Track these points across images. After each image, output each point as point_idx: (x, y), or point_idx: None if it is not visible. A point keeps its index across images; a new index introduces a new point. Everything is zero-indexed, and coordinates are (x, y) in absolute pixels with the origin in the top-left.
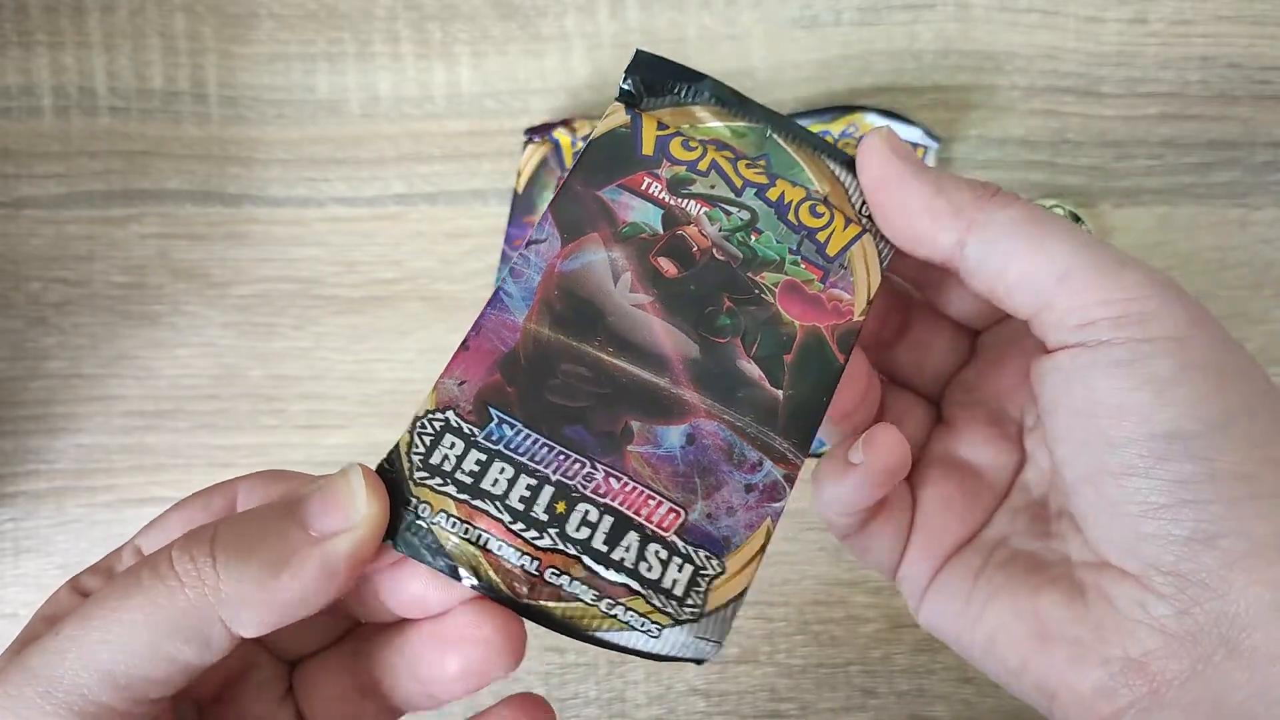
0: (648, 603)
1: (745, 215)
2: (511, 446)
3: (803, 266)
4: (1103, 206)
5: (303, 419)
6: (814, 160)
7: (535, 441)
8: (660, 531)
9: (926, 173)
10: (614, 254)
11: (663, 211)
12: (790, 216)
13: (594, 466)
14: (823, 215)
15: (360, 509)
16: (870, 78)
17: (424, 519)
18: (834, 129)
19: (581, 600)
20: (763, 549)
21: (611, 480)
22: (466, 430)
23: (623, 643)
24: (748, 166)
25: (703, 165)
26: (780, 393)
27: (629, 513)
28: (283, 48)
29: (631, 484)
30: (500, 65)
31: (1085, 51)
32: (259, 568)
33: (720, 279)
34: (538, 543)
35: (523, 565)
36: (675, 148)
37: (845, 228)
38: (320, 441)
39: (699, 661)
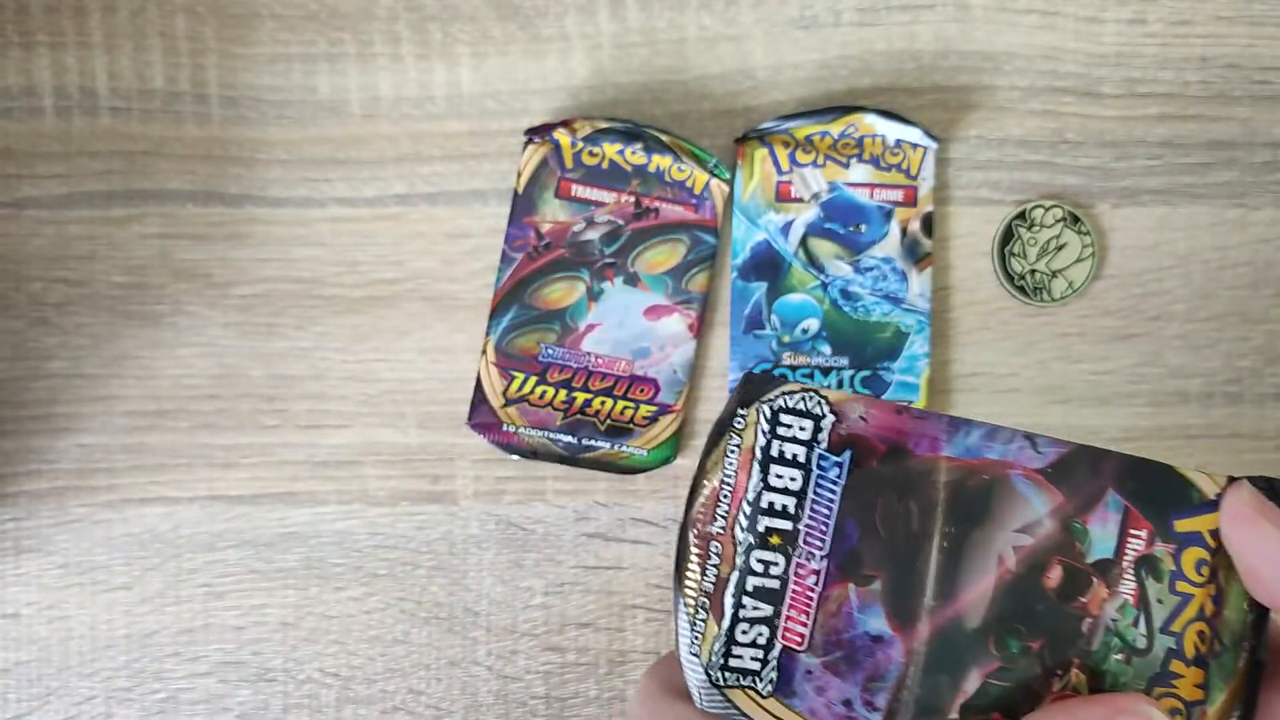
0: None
1: (1142, 643)
2: (819, 481)
3: None
4: (1102, 207)
5: (304, 419)
6: None
7: (831, 502)
8: (785, 638)
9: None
10: (1046, 522)
11: (1110, 558)
12: (1156, 691)
13: (823, 560)
14: None
15: None
16: (870, 78)
17: (740, 415)
18: (833, 129)
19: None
20: None
21: (813, 579)
22: (820, 437)
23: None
24: (1200, 635)
25: (1181, 587)
26: (955, 715)
27: (788, 607)
28: (284, 48)
29: (816, 601)
30: (500, 66)
31: (1084, 52)
32: None
33: (1061, 632)
34: (737, 535)
35: (721, 529)
36: (1189, 559)
37: None
38: (321, 441)
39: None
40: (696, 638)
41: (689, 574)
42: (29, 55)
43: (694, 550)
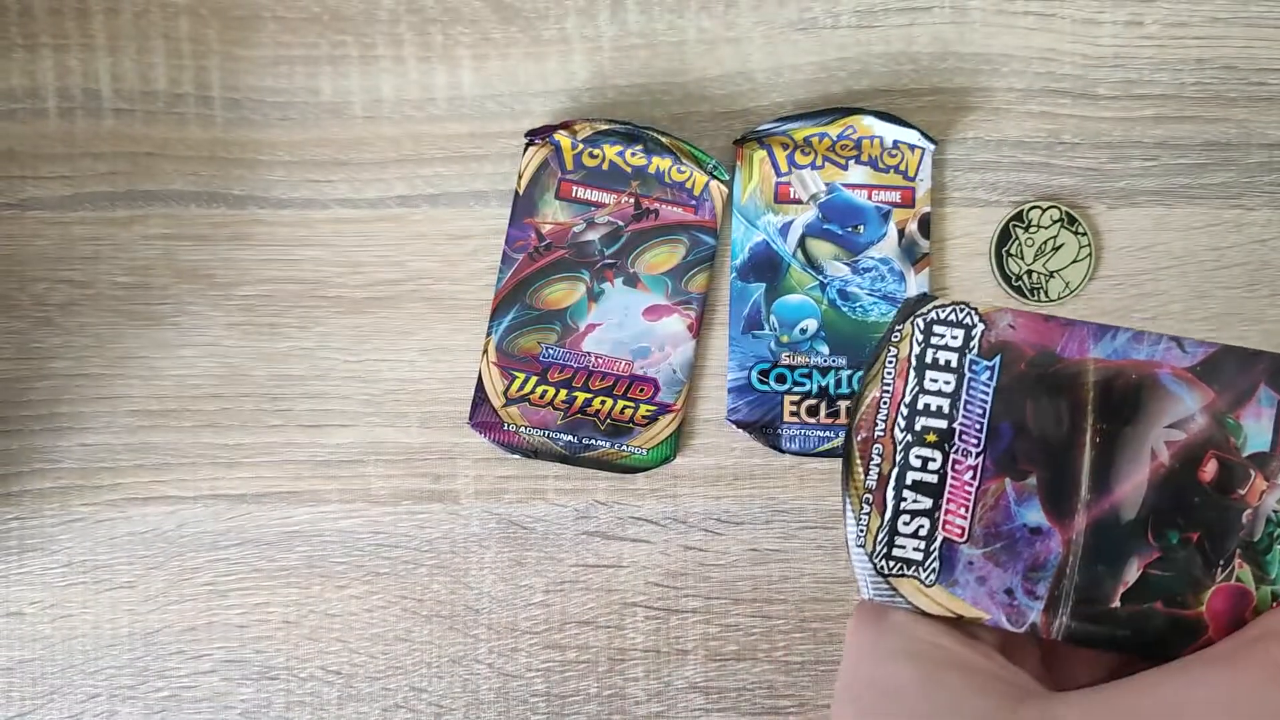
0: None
1: None
2: (971, 384)
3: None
4: (1098, 208)
5: (306, 418)
6: None
7: (984, 402)
8: (945, 530)
9: None
10: (1199, 417)
11: (1266, 451)
12: None
13: (978, 457)
14: None
15: None
16: (868, 80)
17: (897, 330)
18: (832, 131)
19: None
20: (959, 619)
21: (970, 474)
22: (971, 344)
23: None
24: None
25: None
26: (1118, 604)
27: (947, 500)
28: (286, 50)
29: (974, 494)
30: (501, 68)
31: (1081, 54)
32: None
33: (1220, 523)
34: (896, 435)
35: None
36: None
37: None
38: (324, 441)
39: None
40: (862, 531)
41: (854, 475)
42: (33, 57)
43: (857, 453)
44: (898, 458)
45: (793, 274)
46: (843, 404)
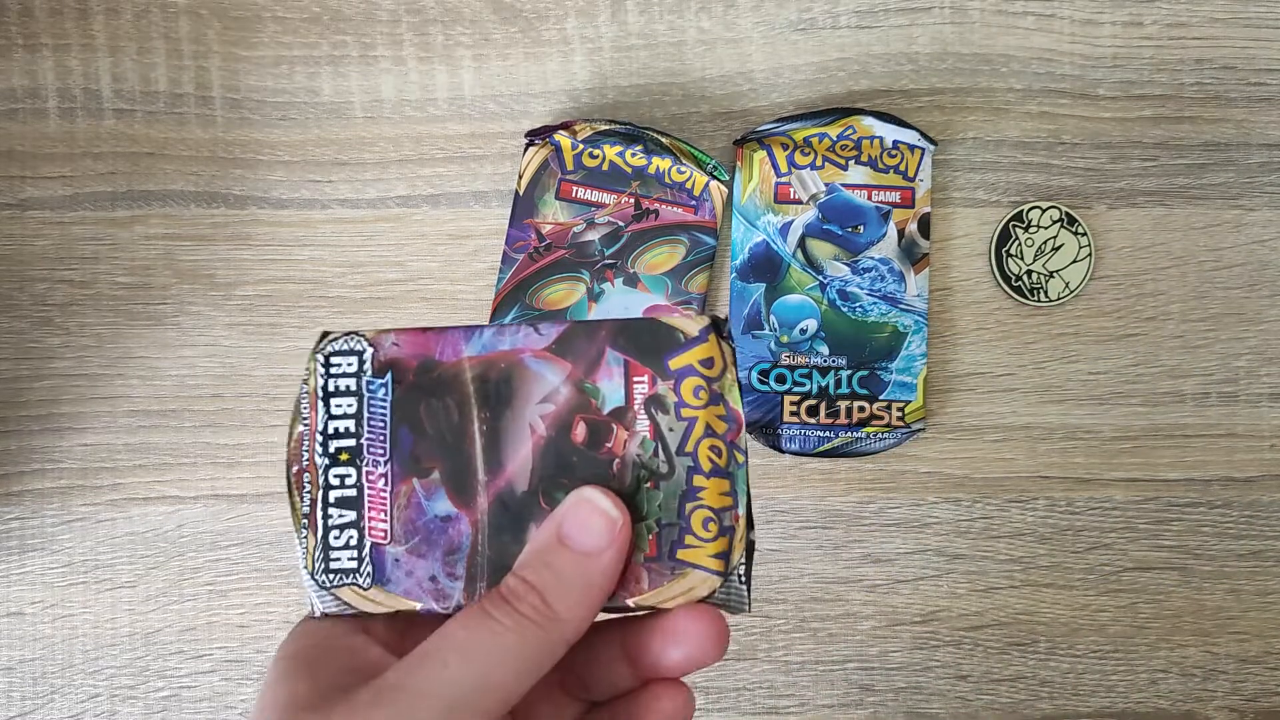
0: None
1: (664, 468)
2: (370, 401)
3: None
4: (1098, 208)
5: None
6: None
7: (383, 415)
8: (371, 535)
9: None
10: (563, 389)
11: (622, 405)
12: (687, 506)
13: (386, 464)
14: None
15: (619, 522)
16: (867, 81)
17: (307, 367)
18: (831, 131)
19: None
20: (396, 612)
21: (382, 481)
22: (365, 367)
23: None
24: (713, 450)
25: (686, 413)
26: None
27: (368, 509)
28: (286, 51)
29: (389, 498)
30: (501, 69)
31: (1080, 54)
32: (580, 598)
33: (595, 476)
34: (317, 460)
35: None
36: (688, 387)
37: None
38: None
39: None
40: (304, 553)
41: (294, 505)
42: (33, 57)
43: (293, 484)
44: (320, 480)
45: (793, 274)
46: (842, 404)
